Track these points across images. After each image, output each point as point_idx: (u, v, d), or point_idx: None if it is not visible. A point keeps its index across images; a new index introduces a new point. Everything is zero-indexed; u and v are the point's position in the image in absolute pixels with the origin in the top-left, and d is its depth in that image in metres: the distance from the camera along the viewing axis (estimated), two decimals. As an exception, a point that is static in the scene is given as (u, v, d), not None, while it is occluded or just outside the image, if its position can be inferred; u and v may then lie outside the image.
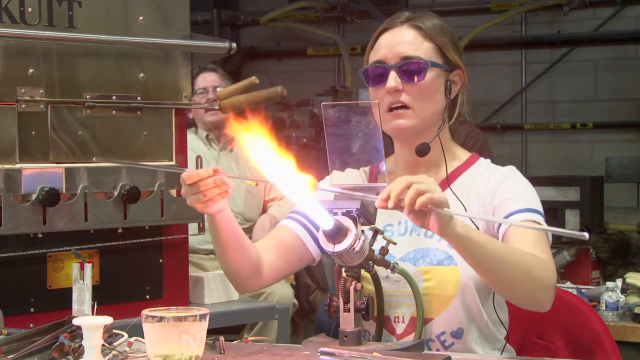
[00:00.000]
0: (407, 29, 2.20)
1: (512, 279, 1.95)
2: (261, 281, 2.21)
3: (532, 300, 2.02)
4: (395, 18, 2.24)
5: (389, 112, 2.17)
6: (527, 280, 1.96)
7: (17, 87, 2.85)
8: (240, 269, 2.17)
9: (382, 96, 2.17)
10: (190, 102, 3.24)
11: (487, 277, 1.98)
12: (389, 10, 7.24)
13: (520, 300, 2.03)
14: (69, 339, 1.84)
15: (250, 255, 2.16)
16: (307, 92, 7.45)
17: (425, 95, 2.16)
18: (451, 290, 2.12)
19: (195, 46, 3.21)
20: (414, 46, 2.17)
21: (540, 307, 2.04)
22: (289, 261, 2.26)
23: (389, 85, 2.15)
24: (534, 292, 1.99)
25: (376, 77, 2.18)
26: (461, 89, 2.25)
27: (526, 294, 2.00)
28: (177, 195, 3.16)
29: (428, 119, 2.18)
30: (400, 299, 2.13)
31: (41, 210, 2.85)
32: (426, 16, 2.23)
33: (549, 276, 2.01)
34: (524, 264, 1.96)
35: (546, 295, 2.01)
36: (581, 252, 4.56)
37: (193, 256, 4.03)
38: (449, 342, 2.13)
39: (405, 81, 2.15)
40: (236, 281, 2.23)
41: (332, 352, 1.86)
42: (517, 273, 1.95)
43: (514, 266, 1.95)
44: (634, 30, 7.24)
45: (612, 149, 7.21)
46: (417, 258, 2.14)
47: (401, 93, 2.16)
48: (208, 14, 8.07)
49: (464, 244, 1.90)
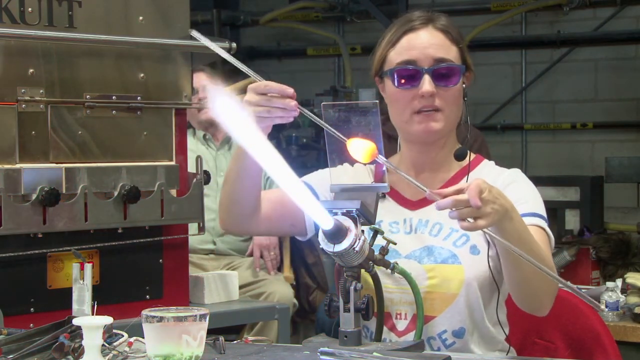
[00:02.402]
0: (433, 31, 2.19)
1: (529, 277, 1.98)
2: (251, 224, 2.22)
3: (537, 303, 2.06)
4: (412, 19, 2.21)
5: (418, 114, 2.16)
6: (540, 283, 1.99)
7: (17, 87, 2.85)
8: (242, 204, 2.17)
9: (412, 99, 2.15)
10: (190, 102, 3.24)
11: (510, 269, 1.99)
12: (389, 10, 7.24)
13: (528, 301, 2.05)
14: (69, 339, 1.84)
15: (255, 193, 2.17)
16: (307, 92, 7.45)
17: (455, 99, 2.17)
18: (455, 289, 2.12)
19: (195, 46, 3.21)
20: (445, 49, 2.17)
21: (540, 311, 2.08)
22: (281, 221, 2.26)
23: (425, 89, 2.13)
24: (543, 295, 2.03)
25: (406, 79, 2.16)
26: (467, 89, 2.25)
27: (536, 296, 2.03)
28: (177, 195, 3.16)
29: (453, 123, 2.20)
30: (403, 296, 2.13)
31: (41, 210, 2.85)
32: (441, 17, 2.22)
33: (554, 288, 2.05)
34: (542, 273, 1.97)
35: (549, 300, 2.06)
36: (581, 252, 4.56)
37: (193, 256, 4.03)
38: (450, 341, 2.13)
39: (439, 85, 2.15)
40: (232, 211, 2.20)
41: (332, 352, 1.86)
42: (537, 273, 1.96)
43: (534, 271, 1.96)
44: (634, 30, 7.25)
45: (612, 149, 7.22)
46: (422, 256, 2.15)
47: (434, 97, 2.15)
48: (208, 14, 8.07)
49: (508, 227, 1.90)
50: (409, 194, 2.22)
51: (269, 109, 2.00)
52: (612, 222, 6.67)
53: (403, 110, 2.16)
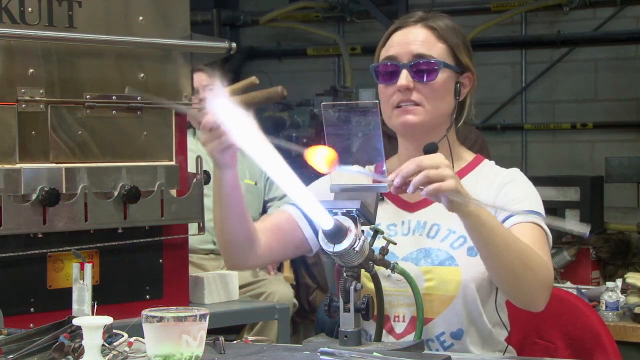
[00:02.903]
0: (420, 28, 2.20)
1: (514, 269, 1.95)
2: (254, 258, 2.20)
3: (529, 297, 2.02)
4: (408, 17, 2.23)
5: (397, 108, 2.16)
6: (527, 274, 1.96)
7: (17, 87, 2.86)
8: (237, 239, 2.15)
9: (392, 94, 2.17)
10: (190, 102, 3.24)
11: (491, 262, 1.97)
12: (389, 10, 7.25)
13: (516, 295, 2.03)
14: (69, 339, 1.84)
15: (248, 225, 2.15)
16: (307, 92, 7.45)
17: (436, 95, 2.16)
18: (452, 291, 2.12)
19: (195, 46, 3.22)
20: (427, 46, 2.17)
21: (534, 305, 2.04)
22: (284, 245, 2.25)
23: (400, 83, 2.15)
24: (531, 288, 1.99)
25: (387, 75, 2.18)
26: (469, 91, 2.24)
27: (524, 289, 1.99)
28: (177, 195, 3.16)
29: (436, 119, 2.18)
30: (401, 299, 2.13)
31: (41, 210, 2.85)
32: (439, 17, 2.23)
33: (548, 275, 2.01)
34: (527, 257, 1.97)
35: (542, 293, 2.01)
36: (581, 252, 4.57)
37: (193, 256, 4.03)
38: (449, 343, 2.13)
39: (417, 80, 2.15)
40: (230, 252, 2.19)
41: (332, 352, 1.86)
42: (520, 264, 1.95)
43: (518, 257, 1.95)
44: (634, 30, 7.24)
45: (612, 149, 7.21)
46: (419, 258, 2.14)
47: (412, 92, 2.15)
48: (208, 14, 8.07)
49: (474, 223, 1.91)
50: (407, 196, 2.22)
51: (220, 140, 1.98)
52: (612, 222, 6.66)
53: (385, 105, 2.18)
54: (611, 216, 6.66)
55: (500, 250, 1.94)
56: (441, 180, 1.85)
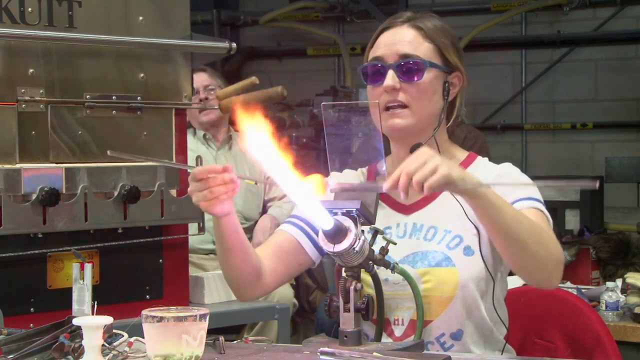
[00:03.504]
0: (407, 28, 2.19)
1: (526, 246, 1.95)
2: (262, 288, 2.21)
3: (544, 273, 2.00)
4: (396, 17, 2.23)
5: (386, 111, 2.16)
6: (540, 249, 1.96)
7: (17, 87, 2.86)
8: (242, 275, 2.16)
9: (379, 94, 2.16)
10: (190, 102, 3.24)
11: (504, 242, 1.97)
12: (389, 10, 7.24)
13: (532, 272, 2.01)
14: (69, 339, 1.84)
15: (252, 261, 2.15)
16: (307, 92, 7.45)
17: (422, 95, 2.16)
18: (450, 291, 2.11)
19: (195, 46, 3.22)
20: (414, 46, 2.17)
21: (550, 280, 2.02)
22: (289, 266, 2.25)
23: (387, 83, 2.14)
24: (545, 264, 1.98)
25: (374, 75, 2.17)
26: (459, 91, 2.24)
27: (538, 265, 1.98)
28: (177, 195, 3.16)
29: (425, 120, 2.18)
30: (400, 302, 2.13)
31: (41, 210, 2.85)
32: (428, 17, 2.22)
33: (559, 251, 2.01)
34: (539, 233, 1.97)
35: (556, 268, 2.00)
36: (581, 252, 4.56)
37: (193, 256, 4.03)
38: (449, 344, 2.13)
39: (403, 80, 2.14)
40: (237, 287, 2.21)
41: (332, 352, 1.86)
42: (532, 241, 1.94)
43: (529, 233, 1.94)
44: (634, 30, 7.25)
45: (612, 149, 7.22)
46: (415, 260, 2.14)
47: (398, 92, 2.14)
48: (208, 14, 8.08)
49: (481, 203, 1.91)
50: (402, 198, 2.22)
51: (210, 190, 1.99)
52: (612, 222, 6.67)
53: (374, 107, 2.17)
54: (611, 216, 6.67)
55: (512, 228, 1.93)
56: (432, 174, 1.85)
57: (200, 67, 4.42)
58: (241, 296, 2.24)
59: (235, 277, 2.17)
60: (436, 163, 1.86)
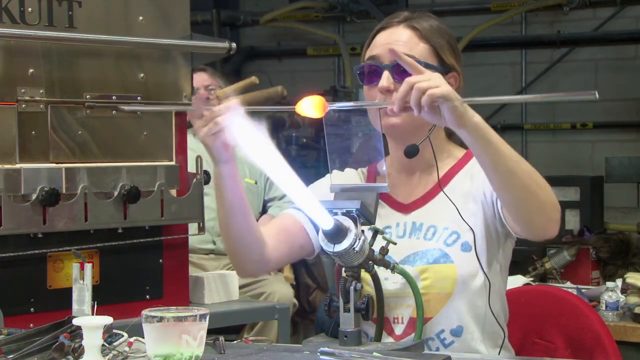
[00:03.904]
0: (403, 29, 2.19)
1: (526, 185, 1.92)
2: (264, 263, 2.19)
3: (543, 218, 1.97)
4: (392, 17, 2.23)
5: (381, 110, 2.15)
6: (538, 190, 1.93)
7: (17, 87, 2.85)
8: (244, 243, 2.14)
9: (375, 95, 2.16)
10: (190, 102, 3.24)
11: (503, 179, 1.94)
12: (389, 10, 7.24)
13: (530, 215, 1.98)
14: (69, 339, 1.84)
15: (253, 228, 2.13)
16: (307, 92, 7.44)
17: None
18: (449, 288, 2.11)
19: (195, 46, 3.22)
20: (409, 46, 2.16)
21: (549, 227, 1.99)
22: (291, 247, 2.24)
23: (382, 85, 2.14)
24: (544, 206, 1.95)
25: (370, 75, 2.17)
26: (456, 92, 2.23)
27: (538, 207, 1.95)
28: (177, 195, 3.16)
29: (420, 119, 2.17)
30: (399, 300, 2.13)
31: (41, 210, 2.85)
32: (424, 17, 2.22)
33: (555, 197, 1.97)
34: (537, 176, 1.94)
35: (554, 214, 1.97)
36: (581, 252, 4.56)
37: (193, 256, 4.03)
38: (449, 340, 2.13)
39: (398, 81, 2.13)
40: (239, 256, 2.18)
41: (332, 352, 1.86)
42: (531, 181, 1.93)
43: (528, 174, 1.93)
44: (634, 30, 7.25)
45: (612, 149, 7.22)
46: (415, 260, 2.14)
47: (393, 93, 2.14)
48: (208, 14, 8.08)
49: (482, 135, 1.89)
50: (402, 197, 2.22)
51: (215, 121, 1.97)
52: (612, 222, 6.67)
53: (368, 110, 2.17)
54: (611, 216, 6.66)
55: (511, 166, 1.91)
56: (435, 87, 1.84)
57: (200, 67, 4.42)
58: (242, 270, 2.22)
59: (237, 244, 2.14)
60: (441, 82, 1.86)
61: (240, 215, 2.11)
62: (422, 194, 2.20)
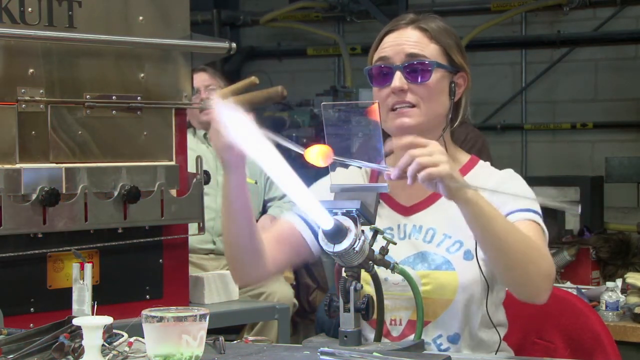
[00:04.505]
0: (412, 30, 2.19)
1: (516, 259, 1.94)
2: (262, 271, 2.18)
3: (532, 288, 2.00)
4: (399, 20, 2.23)
5: (392, 111, 2.16)
6: (529, 264, 1.95)
7: (17, 87, 2.86)
8: (245, 250, 2.14)
9: (387, 96, 2.16)
10: (190, 102, 3.24)
11: (493, 252, 1.96)
12: (389, 10, 7.25)
13: (519, 286, 2.01)
14: (69, 339, 1.84)
15: (255, 236, 2.14)
16: (307, 92, 7.45)
17: (430, 96, 2.16)
18: (449, 294, 2.11)
19: (195, 46, 3.22)
20: (420, 46, 2.17)
21: (537, 296, 2.02)
22: (289, 254, 2.24)
23: (395, 85, 2.14)
24: (534, 278, 1.98)
25: (381, 77, 2.17)
26: (465, 91, 2.24)
27: (526, 279, 1.98)
28: (177, 195, 3.16)
29: (432, 120, 2.18)
30: (398, 302, 2.13)
31: (41, 210, 2.85)
32: (431, 18, 2.23)
33: (549, 266, 2.00)
34: (529, 247, 1.96)
35: (545, 284, 2.00)
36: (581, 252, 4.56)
37: (193, 256, 4.03)
38: (445, 347, 2.13)
39: (411, 81, 2.14)
40: (238, 264, 2.18)
41: (332, 352, 1.86)
42: (521, 254, 1.94)
43: (519, 246, 1.94)
44: (634, 30, 7.25)
45: (612, 149, 7.22)
46: (416, 262, 2.14)
47: (406, 93, 2.15)
48: (208, 14, 8.08)
49: (473, 210, 1.90)
50: (402, 200, 2.22)
51: None
52: (612, 222, 6.67)
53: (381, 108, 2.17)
54: (611, 216, 6.67)
55: (502, 239, 1.93)
56: (434, 166, 1.86)
57: (200, 67, 4.42)
58: (240, 277, 2.22)
59: (237, 251, 2.14)
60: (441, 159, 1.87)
61: (244, 224, 2.12)
62: (424, 197, 2.20)
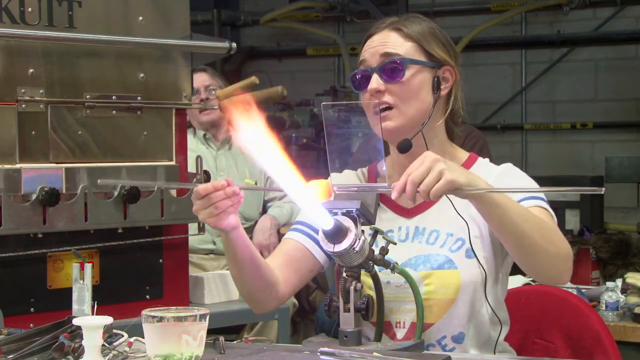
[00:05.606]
0: (388, 32, 2.20)
1: (535, 244, 1.95)
2: (278, 299, 2.20)
3: (554, 271, 2.00)
4: (380, 23, 2.24)
5: (375, 115, 2.14)
6: (549, 247, 1.96)
7: (17, 87, 2.85)
8: (257, 290, 2.16)
9: (368, 99, 2.16)
10: (190, 102, 3.24)
11: (513, 241, 1.97)
12: (389, 10, 7.26)
13: (541, 270, 2.01)
14: (69, 339, 1.84)
15: (265, 274, 2.15)
16: (307, 92, 7.45)
17: (408, 93, 2.15)
18: (452, 294, 2.11)
19: (195, 46, 3.22)
20: (393, 46, 2.17)
21: (561, 277, 2.02)
22: (300, 274, 2.24)
23: (371, 87, 2.14)
24: (555, 260, 1.98)
25: (361, 81, 2.18)
26: (454, 85, 2.22)
27: (548, 262, 1.98)
28: (177, 195, 3.16)
29: (415, 118, 2.17)
30: (402, 305, 2.12)
31: (41, 210, 2.85)
32: (411, 19, 2.22)
33: (568, 247, 2.01)
34: (547, 230, 1.97)
35: (565, 265, 2.00)
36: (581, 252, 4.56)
37: (193, 256, 4.03)
38: (450, 347, 2.12)
39: (386, 81, 2.14)
40: (253, 302, 2.21)
41: (332, 352, 1.86)
42: (540, 238, 1.94)
43: (537, 230, 1.94)
44: (634, 30, 7.25)
45: (612, 149, 7.22)
46: (417, 263, 2.13)
47: (384, 93, 2.14)
48: (208, 14, 8.08)
49: (488, 205, 1.90)
50: (404, 202, 2.21)
51: (215, 205, 1.98)
52: (612, 222, 6.67)
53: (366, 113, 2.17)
54: (611, 216, 6.67)
55: (520, 226, 1.93)
56: (436, 181, 1.85)
57: (200, 67, 4.42)
58: (258, 310, 2.23)
59: (250, 292, 2.17)
60: (440, 168, 1.86)
61: (251, 269, 2.12)
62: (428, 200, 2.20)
